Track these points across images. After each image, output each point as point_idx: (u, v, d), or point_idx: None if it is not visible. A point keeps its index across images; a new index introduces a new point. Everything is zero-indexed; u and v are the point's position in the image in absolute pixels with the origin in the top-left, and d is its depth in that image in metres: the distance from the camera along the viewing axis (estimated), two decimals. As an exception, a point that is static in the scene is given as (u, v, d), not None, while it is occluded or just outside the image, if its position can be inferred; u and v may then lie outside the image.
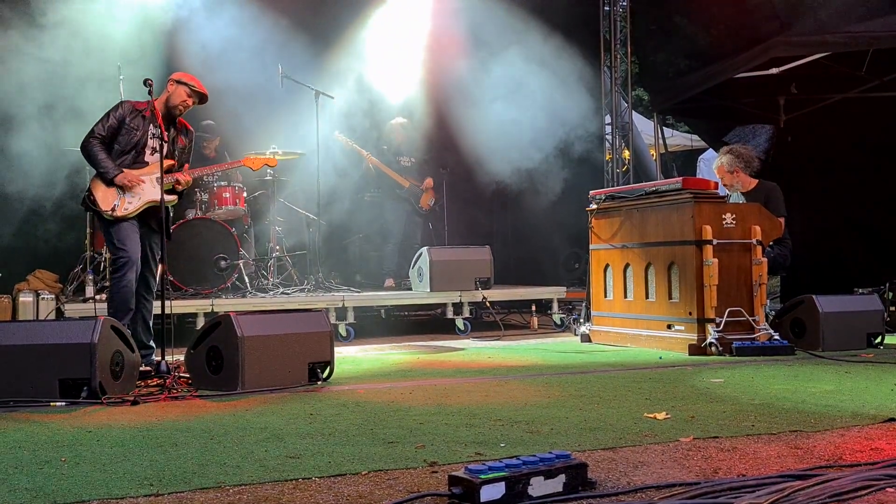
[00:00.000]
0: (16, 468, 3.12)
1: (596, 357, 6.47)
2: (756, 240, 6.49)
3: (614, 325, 7.25)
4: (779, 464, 3.05)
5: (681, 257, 6.53)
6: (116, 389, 4.67)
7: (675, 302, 6.59)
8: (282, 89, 8.50)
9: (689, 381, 5.10)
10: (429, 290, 8.35)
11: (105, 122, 5.76)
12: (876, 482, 2.73)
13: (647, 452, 3.25)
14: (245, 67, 8.63)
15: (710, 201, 6.53)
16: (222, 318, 4.97)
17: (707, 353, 6.23)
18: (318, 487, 2.81)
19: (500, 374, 5.51)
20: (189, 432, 3.75)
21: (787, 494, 2.60)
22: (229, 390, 4.80)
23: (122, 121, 5.76)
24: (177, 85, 5.87)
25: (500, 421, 3.89)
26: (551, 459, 2.68)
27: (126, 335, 4.94)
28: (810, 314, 6.60)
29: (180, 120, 6.01)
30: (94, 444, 3.53)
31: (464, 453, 3.25)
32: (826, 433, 3.56)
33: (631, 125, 10.65)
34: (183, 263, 7.59)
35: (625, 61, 10.35)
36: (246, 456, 3.26)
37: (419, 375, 5.56)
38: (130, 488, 2.81)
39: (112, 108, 5.83)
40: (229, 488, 2.81)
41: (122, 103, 5.88)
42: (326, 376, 5.23)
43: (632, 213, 7.11)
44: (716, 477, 2.86)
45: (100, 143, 5.73)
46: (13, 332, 4.66)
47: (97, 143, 5.72)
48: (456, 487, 2.56)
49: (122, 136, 5.76)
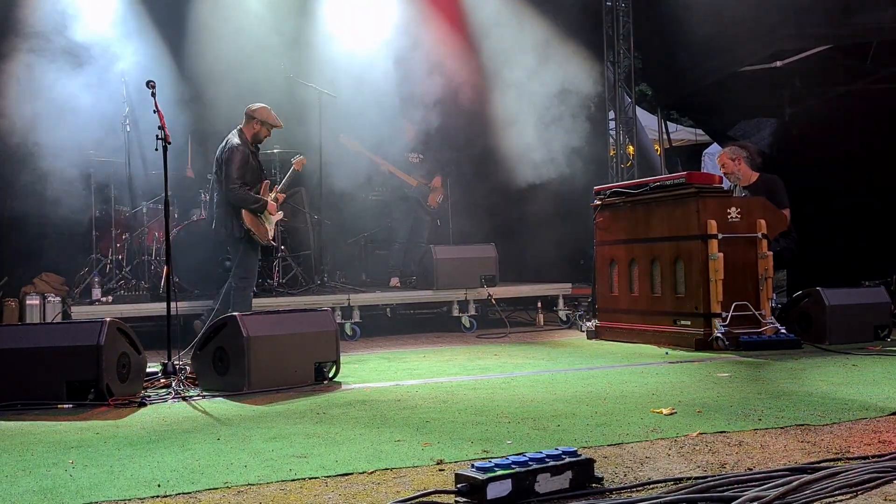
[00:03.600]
0: (24, 470, 3.13)
1: (602, 353, 6.46)
2: (761, 233, 6.47)
3: (620, 321, 7.23)
4: (786, 457, 3.04)
5: (686, 252, 6.51)
6: (123, 391, 4.67)
7: (681, 297, 6.57)
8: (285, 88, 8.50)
9: (695, 375, 5.09)
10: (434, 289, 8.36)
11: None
12: (883, 474, 2.72)
13: (653, 448, 3.24)
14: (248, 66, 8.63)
15: (714, 196, 6.51)
16: (228, 319, 4.97)
17: (713, 348, 6.21)
18: (325, 486, 2.82)
19: (506, 372, 5.51)
20: (196, 433, 3.76)
21: (794, 487, 2.59)
22: (236, 390, 4.80)
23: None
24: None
25: (506, 418, 3.89)
26: (558, 456, 2.68)
27: (132, 336, 4.95)
28: (817, 307, 6.58)
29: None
30: (102, 445, 3.54)
31: (470, 451, 3.25)
32: (834, 426, 3.55)
33: (635, 120, 10.62)
34: (188, 264, 7.60)
35: (628, 56, 10.32)
36: (253, 455, 3.27)
37: (425, 374, 5.56)
38: (138, 489, 2.82)
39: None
40: (236, 488, 2.81)
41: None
42: (332, 375, 5.23)
43: (636, 208, 7.10)
44: (723, 471, 2.85)
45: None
46: (20, 335, 4.68)
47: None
48: (463, 485, 2.56)
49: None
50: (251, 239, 6.78)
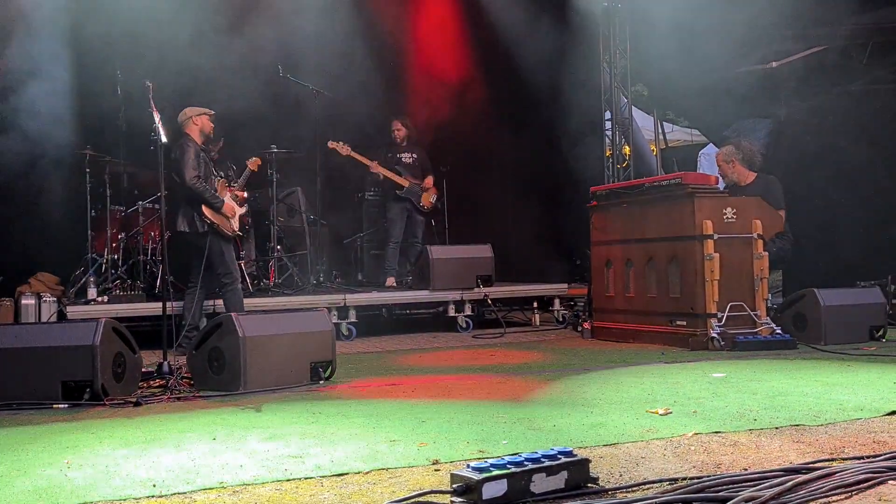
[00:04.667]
0: (19, 471, 3.12)
1: (597, 353, 6.46)
2: (757, 234, 6.48)
3: (616, 321, 7.24)
4: (781, 457, 3.04)
5: (682, 252, 6.52)
6: (119, 391, 4.67)
7: (677, 297, 6.58)
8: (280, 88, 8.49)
9: (690, 375, 5.09)
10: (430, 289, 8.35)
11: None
12: (878, 475, 2.73)
13: (649, 448, 3.25)
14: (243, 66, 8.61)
15: (710, 196, 6.52)
16: (224, 319, 4.97)
17: (709, 348, 6.22)
18: (320, 487, 2.81)
19: (502, 372, 5.51)
20: (191, 433, 3.75)
21: (789, 487, 2.60)
22: (231, 390, 4.80)
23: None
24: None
25: (502, 418, 3.89)
26: (553, 456, 2.68)
27: (128, 336, 4.94)
28: (812, 308, 6.59)
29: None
30: (97, 445, 3.53)
31: (466, 451, 3.25)
32: (829, 427, 3.56)
33: (631, 121, 10.62)
34: (184, 264, 7.57)
35: (624, 57, 10.31)
36: (248, 456, 3.27)
37: (421, 373, 5.56)
38: (133, 489, 2.82)
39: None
40: (232, 488, 2.81)
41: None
42: (328, 375, 5.23)
43: (632, 208, 7.10)
44: (718, 471, 2.86)
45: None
46: (15, 334, 4.67)
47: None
48: (458, 485, 2.56)
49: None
50: (216, 232, 6.62)
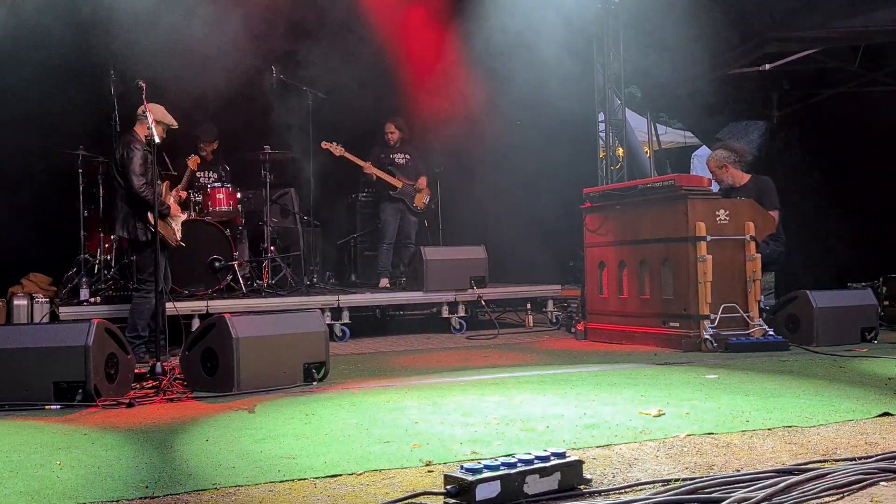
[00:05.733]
0: (11, 472, 3.11)
1: (591, 354, 6.47)
2: (750, 236, 6.50)
3: (609, 323, 7.25)
4: (774, 459, 3.05)
5: (675, 254, 6.54)
6: (111, 392, 4.66)
7: (670, 298, 6.60)
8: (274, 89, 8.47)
9: (683, 377, 5.10)
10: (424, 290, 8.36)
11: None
12: (870, 476, 2.74)
13: (642, 449, 3.25)
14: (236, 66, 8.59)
15: (703, 198, 6.54)
16: (217, 320, 4.96)
17: (702, 350, 6.24)
18: (313, 488, 2.81)
19: (495, 373, 5.51)
20: (184, 434, 3.75)
21: (782, 489, 2.61)
22: (224, 391, 4.79)
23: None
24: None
25: (495, 419, 3.89)
26: (546, 457, 2.68)
27: (121, 337, 4.93)
28: (804, 309, 6.61)
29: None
30: (90, 446, 3.52)
31: (459, 452, 3.25)
32: (821, 428, 3.57)
33: (624, 122, 10.64)
34: (177, 265, 7.56)
35: (618, 58, 10.32)
36: (241, 457, 3.26)
37: (414, 375, 5.56)
38: (126, 491, 2.81)
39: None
40: (224, 489, 2.80)
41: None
42: (322, 377, 5.22)
43: (626, 210, 7.11)
44: (711, 472, 2.87)
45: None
46: (7, 335, 4.66)
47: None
48: (452, 486, 2.56)
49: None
50: (159, 242, 6.26)
